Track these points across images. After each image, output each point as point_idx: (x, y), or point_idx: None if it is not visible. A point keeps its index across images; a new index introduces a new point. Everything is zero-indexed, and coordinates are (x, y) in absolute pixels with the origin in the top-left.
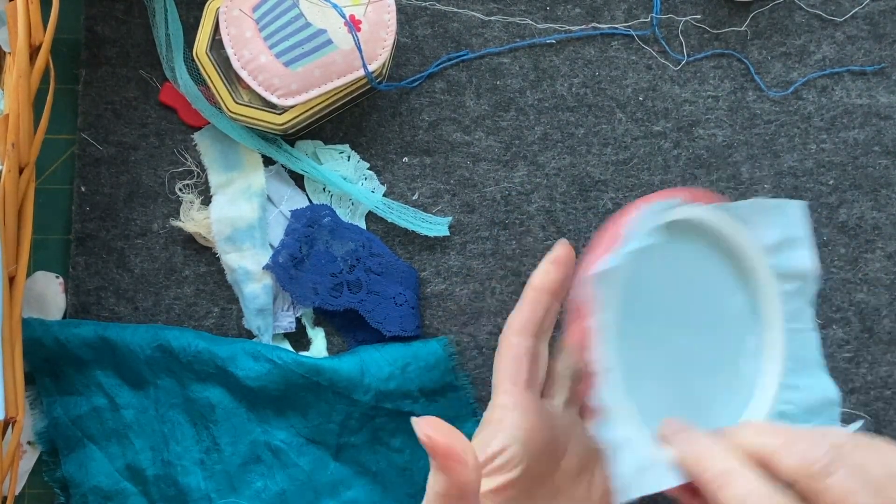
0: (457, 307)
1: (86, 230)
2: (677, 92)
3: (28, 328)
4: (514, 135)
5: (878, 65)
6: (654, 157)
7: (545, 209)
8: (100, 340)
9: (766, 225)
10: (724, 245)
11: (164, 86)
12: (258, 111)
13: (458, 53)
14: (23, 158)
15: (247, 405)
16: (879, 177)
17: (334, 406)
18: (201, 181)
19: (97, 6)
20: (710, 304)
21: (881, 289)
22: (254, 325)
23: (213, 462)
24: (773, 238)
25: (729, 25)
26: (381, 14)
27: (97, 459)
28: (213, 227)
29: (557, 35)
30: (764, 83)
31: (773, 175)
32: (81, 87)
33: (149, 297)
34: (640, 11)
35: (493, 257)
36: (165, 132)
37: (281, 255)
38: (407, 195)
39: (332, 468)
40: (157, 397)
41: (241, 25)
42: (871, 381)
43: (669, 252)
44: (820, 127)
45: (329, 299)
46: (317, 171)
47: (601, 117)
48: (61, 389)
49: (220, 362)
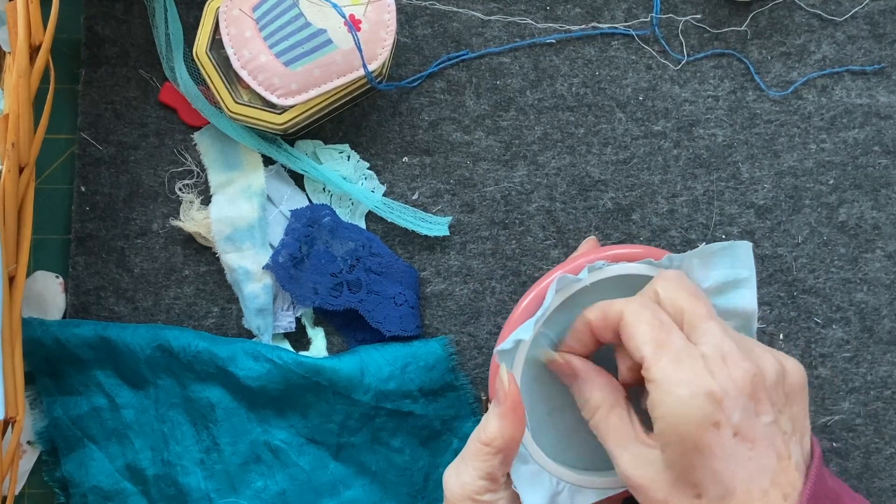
0: (457, 307)
1: (86, 230)
2: (677, 92)
3: (28, 328)
4: (514, 135)
5: (878, 65)
6: (653, 156)
7: (545, 209)
8: (100, 340)
9: (711, 266)
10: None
11: (164, 86)
12: (258, 111)
13: (458, 53)
14: (23, 158)
15: (247, 405)
16: (879, 177)
17: (334, 406)
18: (201, 181)
19: (97, 6)
20: None
21: (881, 289)
22: (254, 324)
23: (213, 462)
24: (717, 279)
25: (729, 25)
26: (381, 14)
27: (97, 459)
28: (213, 227)
29: (557, 35)
30: (764, 83)
31: (773, 175)
32: (81, 86)
33: (149, 296)
34: (640, 11)
35: (493, 257)
36: (165, 132)
37: (281, 254)
38: (407, 195)
39: (331, 468)
40: (157, 397)
41: (241, 25)
42: (871, 381)
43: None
44: (820, 127)
45: (329, 299)
46: (317, 171)
47: (601, 117)
48: (61, 389)
49: (220, 362)
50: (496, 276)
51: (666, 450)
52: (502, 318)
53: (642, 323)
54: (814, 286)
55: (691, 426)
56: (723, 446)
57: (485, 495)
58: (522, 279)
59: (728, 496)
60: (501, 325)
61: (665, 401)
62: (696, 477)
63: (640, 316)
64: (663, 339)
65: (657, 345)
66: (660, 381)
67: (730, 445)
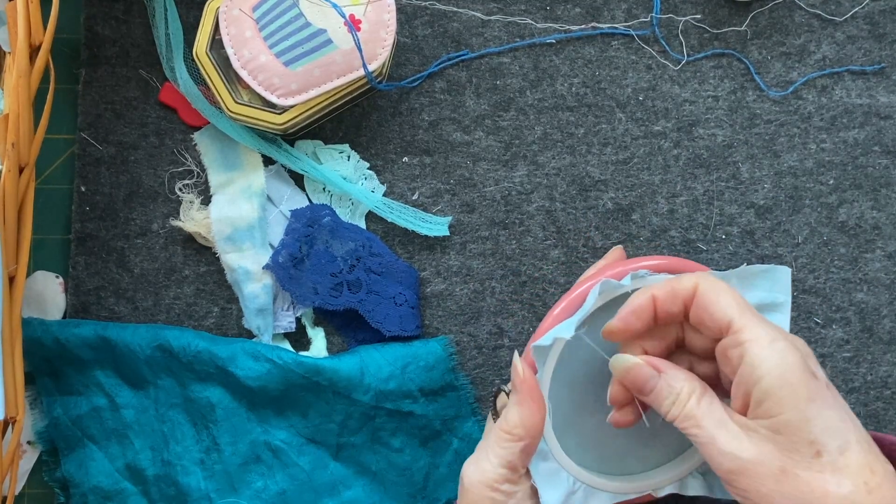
0: (457, 307)
1: (86, 230)
2: (677, 92)
3: (28, 328)
4: (514, 135)
5: (878, 65)
6: (654, 156)
7: (545, 209)
8: (100, 340)
9: (750, 287)
10: None
11: (164, 86)
12: (258, 111)
13: (457, 53)
14: (23, 158)
15: (247, 405)
16: (879, 177)
17: (334, 406)
18: (201, 181)
19: (97, 6)
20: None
21: (881, 288)
22: (254, 324)
23: (213, 462)
24: (754, 300)
25: (729, 25)
26: (381, 14)
27: (97, 459)
28: (213, 227)
29: (557, 35)
30: (764, 83)
31: (772, 175)
32: (81, 87)
33: (149, 296)
34: (640, 11)
35: (493, 257)
36: (165, 132)
37: (281, 254)
38: (407, 195)
39: (331, 468)
40: (157, 397)
41: (240, 25)
42: (871, 381)
43: None
44: (820, 127)
45: (329, 299)
46: (317, 171)
47: (601, 117)
48: (61, 389)
49: (220, 362)
50: (496, 276)
51: (776, 410)
52: (502, 317)
53: (721, 291)
54: (814, 286)
55: (798, 373)
56: (824, 396)
57: (503, 485)
58: (522, 279)
59: (846, 448)
60: (501, 325)
61: (767, 355)
62: (815, 432)
63: (718, 285)
64: (745, 303)
65: (742, 308)
66: (757, 337)
67: (829, 396)
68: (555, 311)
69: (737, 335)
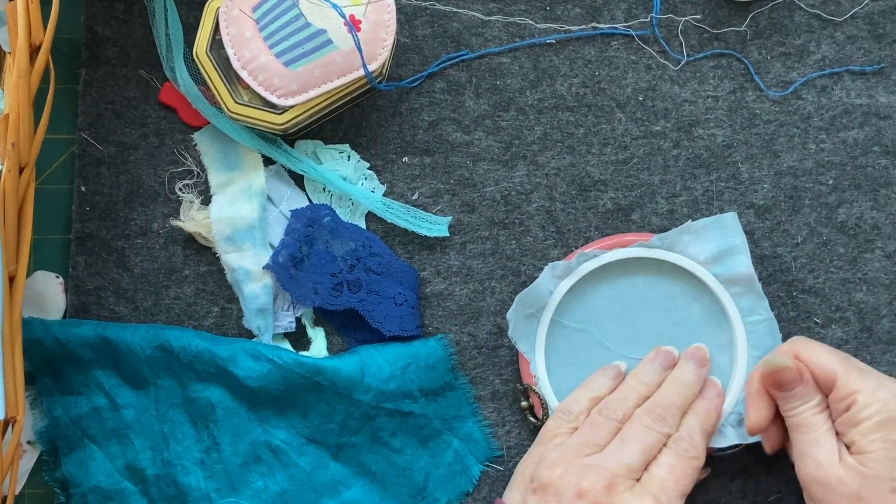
0: (457, 307)
1: (86, 230)
2: (677, 92)
3: (28, 328)
4: (514, 135)
5: (878, 65)
6: (653, 156)
7: (545, 209)
8: (100, 340)
9: (703, 240)
10: (666, 269)
11: (164, 86)
12: (258, 111)
13: (457, 53)
14: (23, 158)
15: (247, 405)
16: (879, 177)
17: (334, 406)
18: (201, 181)
19: (97, 6)
20: (671, 318)
21: (880, 289)
22: (254, 324)
23: (214, 462)
24: (712, 250)
25: (729, 25)
26: (381, 14)
27: (97, 459)
28: (213, 227)
29: (557, 35)
30: (763, 83)
31: (772, 175)
32: (81, 87)
33: (149, 296)
34: (640, 11)
35: (493, 257)
36: (165, 132)
37: (281, 254)
38: (407, 195)
39: (332, 468)
40: (157, 397)
41: (241, 25)
42: None
43: (614, 289)
44: (819, 127)
45: (329, 299)
46: (317, 171)
47: (601, 117)
48: (61, 389)
49: (221, 362)
50: (496, 276)
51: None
52: (502, 318)
53: (818, 349)
54: (813, 286)
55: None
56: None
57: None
58: (522, 279)
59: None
60: (501, 325)
61: (879, 397)
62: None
63: (813, 345)
64: (842, 355)
65: (842, 360)
66: (867, 388)
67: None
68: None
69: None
